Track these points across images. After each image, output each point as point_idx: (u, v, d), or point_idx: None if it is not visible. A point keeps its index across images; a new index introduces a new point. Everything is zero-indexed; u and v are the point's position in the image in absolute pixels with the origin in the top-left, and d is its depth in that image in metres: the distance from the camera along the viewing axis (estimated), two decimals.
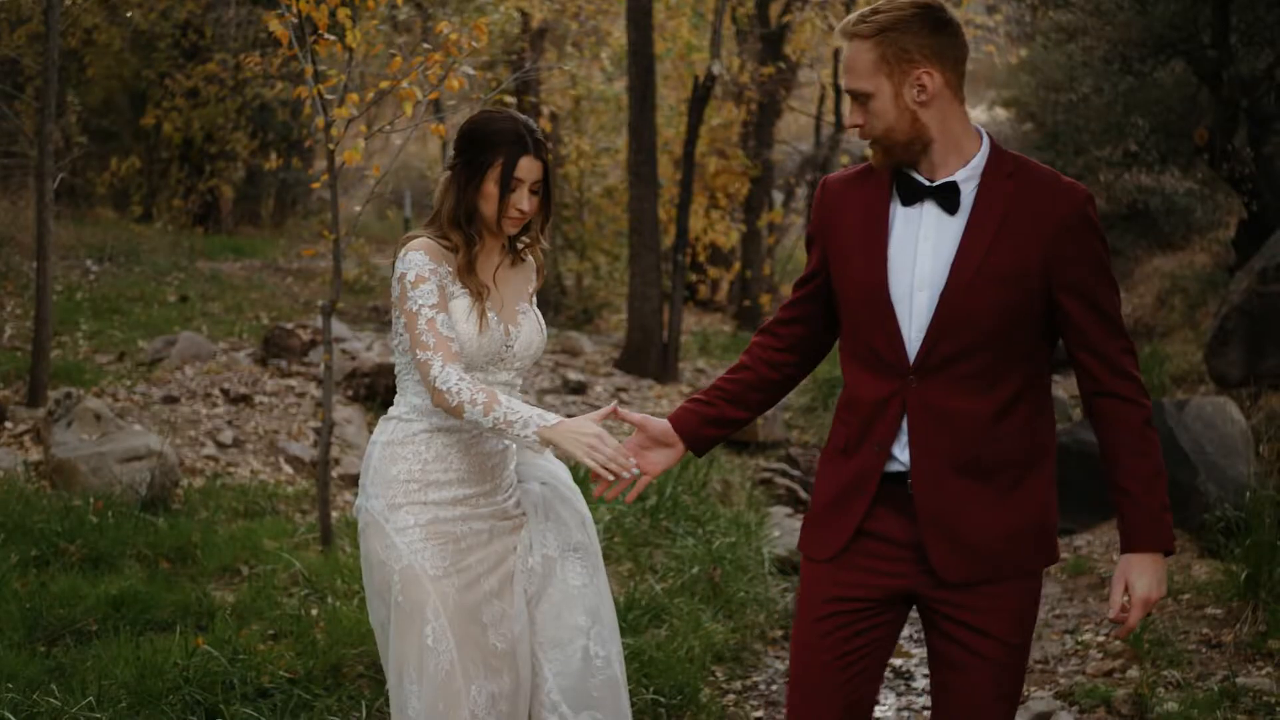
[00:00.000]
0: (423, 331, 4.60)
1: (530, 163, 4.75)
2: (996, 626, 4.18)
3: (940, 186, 4.13)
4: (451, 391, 4.53)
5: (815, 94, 22.70)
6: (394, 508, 4.67)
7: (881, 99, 4.10)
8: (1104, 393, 4.14)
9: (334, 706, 6.25)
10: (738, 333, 20.07)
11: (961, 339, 4.08)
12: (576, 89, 19.83)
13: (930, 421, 4.14)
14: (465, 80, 8.37)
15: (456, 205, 4.74)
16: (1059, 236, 4.06)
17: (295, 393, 11.59)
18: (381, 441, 4.75)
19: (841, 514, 4.26)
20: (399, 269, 4.67)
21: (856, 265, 4.20)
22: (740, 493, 11.48)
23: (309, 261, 20.95)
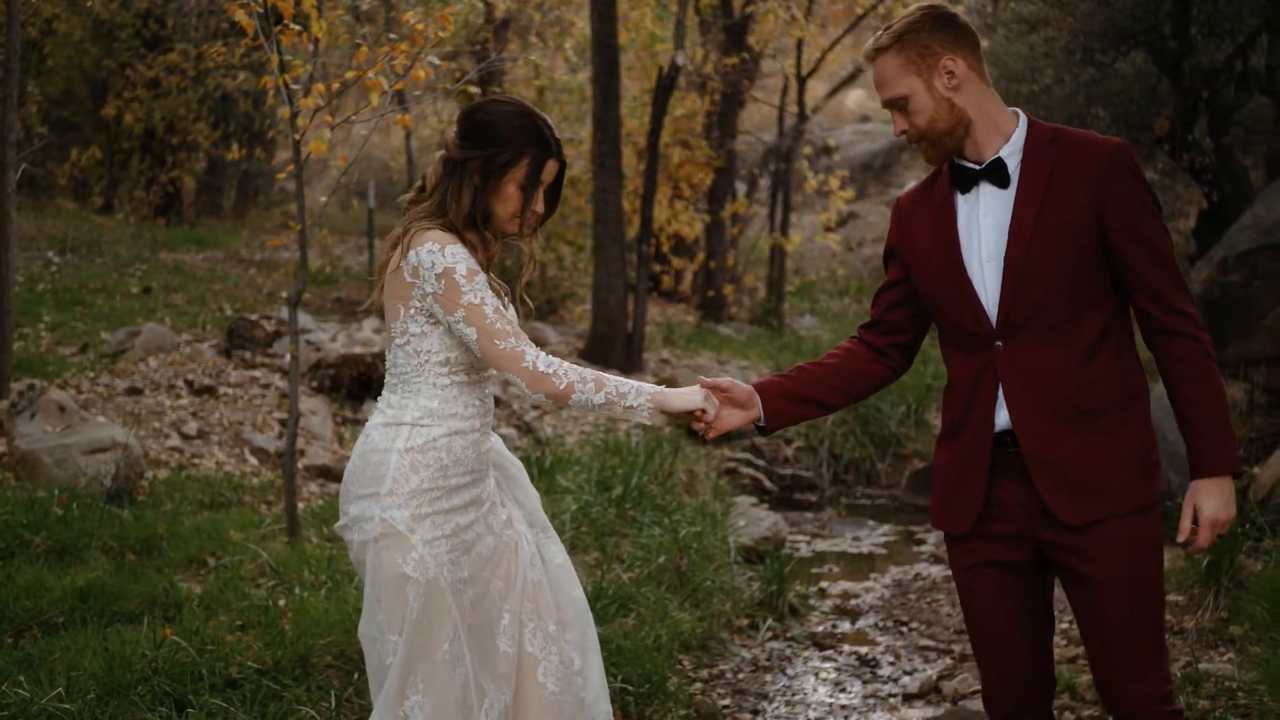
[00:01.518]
0: (494, 321, 4.46)
1: (554, 165, 4.67)
2: (1121, 563, 4.42)
3: (989, 165, 4.48)
4: (558, 374, 4.49)
5: (778, 84, 22.70)
6: (419, 519, 4.52)
7: (917, 97, 4.47)
8: (1163, 330, 4.42)
9: (303, 697, 6.24)
10: (701, 323, 20.10)
11: (1033, 295, 4.40)
12: (540, 80, 19.81)
13: (1022, 379, 4.44)
14: (431, 70, 8.36)
15: (474, 205, 4.58)
16: (1101, 184, 4.38)
17: (260, 384, 11.57)
18: (399, 449, 4.54)
19: (966, 488, 4.55)
20: (441, 263, 4.47)
21: (935, 259, 4.56)
22: (706, 482, 11.51)
23: (272, 253, 20.90)
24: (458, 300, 4.45)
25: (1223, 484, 4.38)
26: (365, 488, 4.59)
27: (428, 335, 4.55)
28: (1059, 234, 4.37)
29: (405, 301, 4.55)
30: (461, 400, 4.60)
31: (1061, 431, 4.40)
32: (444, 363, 4.57)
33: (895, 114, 4.52)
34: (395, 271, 4.57)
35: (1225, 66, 14.88)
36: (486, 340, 4.46)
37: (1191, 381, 4.39)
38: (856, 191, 28.68)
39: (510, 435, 12.11)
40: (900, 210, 4.74)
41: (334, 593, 7.33)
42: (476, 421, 4.63)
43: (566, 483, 9.92)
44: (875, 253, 27.86)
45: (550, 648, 4.75)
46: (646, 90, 19.27)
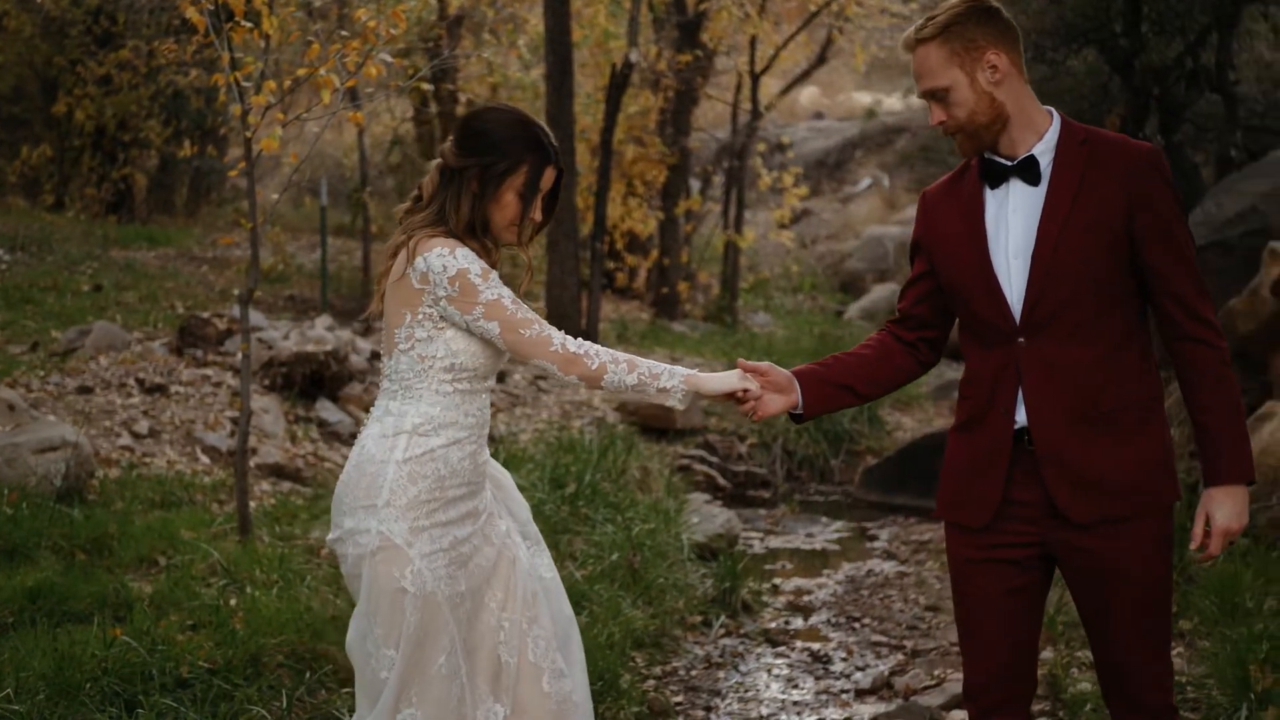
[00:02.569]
0: (515, 311, 4.47)
1: (552, 172, 4.64)
2: (1132, 565, 4.45)
3: (1021, 162, 4.50)
4: (589, 354, 4.51)
5: (732, 81, 22.71)
6: (417, 531, 4.48)
7: (959, 89, 4.47)
8: (1184, 337, 4.45)
9: (254, 696, 6.23)
10: (655, 320, 20.11)
11: (1059, 294, 4.42)
12: (494, 76, 19.78)
13: (1044, 376, 4.46)
14: (383, 68, 8.35)
15: (473, 213, 4.56)
16: (1132, 186, 4.40)
17: (211, 382, 11.52)
18: (397, 460, 4.50)
19: (984, 483, 4.56)
20: (453, 265, 4.45)
21: (961, 252, 4.59)
22: (659, 479, 11.52)
23: (224, 250, 20.81)
24: (475, 299, 4.44)
25: (1236, 492, 4.40)
26: (361, 499, 4.54)
27: (434, 340, 4.53)
28: (1087, 234, 4.40)
29: (413, 307, 4.52)
30: (462, 409, 4.57)
31: (1079, 430, 4.43)
32: (448, 368, 4.54)
33: (933, 105, 4.54)
34: (400, 279, 4.54)
35: (1176, 64, 14.97)
36: (511, 332, 4.47)
37: (1208, 389, 4.41)
38: (810, 188, 28.76)
39: None
40: (927, 203, 4.77)
41: (286, 592, 7.31)
42: (475, 432, 4.61)
43: (520, 480, 9.89)
44: (829, 250, 27.93)
45: (553, 656, 4.73)
46: (600, 87, 19.27)
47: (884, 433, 14.65)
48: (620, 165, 20.34)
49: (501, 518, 4.77)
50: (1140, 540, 4.43)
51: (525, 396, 13.87)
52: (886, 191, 30.05)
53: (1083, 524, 4.41)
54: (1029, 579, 4.57)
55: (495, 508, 4.77)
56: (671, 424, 13.49)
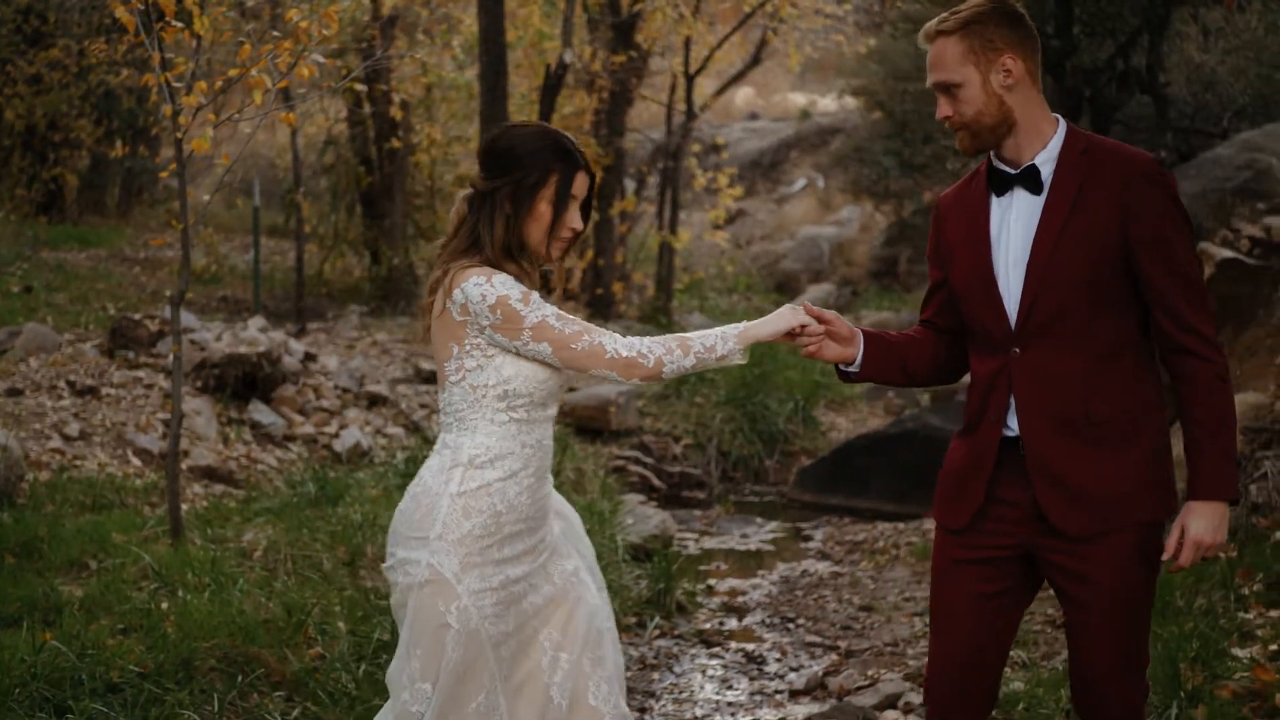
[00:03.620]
0: (562, 326, 4.37)
1: (584, 178, 4.56)
2: (1108, 577, 4.46)
3: (1024, 171, 4.52)
4: (644, 354, 4.41)
5: (667, 82, 22.72)
6: (468, 567, 4.39)
7: (970, 87, 4.49)
8: (1176, 347, 4.44)
9: (185, 700, 6.19)
10: (590, 320, 20.08)
11: (1054, 302, 4.44)
12: (428, 77, 19.73)
13: (1035, 385, 4.49)
14: (315, 68, 8.31)
15: (508, 233, 4.46)
16: (1127, 195, 4.41)
17: (143, 384, 11.44)
18: (452, 493, 4.41)
19: (970, 484, 4.60)
20: (491, 294, 4.35)
21: (965, 258, 4.61)
22: (594, 481, 11.52)
23: (156, 251, 20.68)
24: (520, 324, 4.35)
25: (1215, 508, 4.39)
26: (414, 531, 4.47)
27: (484, 368, 4.44)
28: (1082, 243, 4.40)
29: (458, 340, 4.44)
30: (519, 439, 4.48)
31: (1069, 440, 4.45)
32: (501, 396, 4.44)
33: (942, 98, 4.54)
34: (442, 314, 4.45)
35: (1107, 66, 15.08)
36: (562, 349, 4.38)
37: (1199, 404, 4.41)
38: (745, 189, 28.81)
39: (398, 434, 12.07)
40: (940, 209, 4.79)
41: (217, 595, 7.27)
42: (533, 465, 4.51)
43: None
44: (764, 250, 27.99)
45: (616, 701, 4.64)
46: (535, 88, 19.23)
47: (818, 433, 14.70)
48: None
49: (568, 556, 4.68)
50: (1116, 553, 4.44)
51: None
52: (821, 192, 30.12)
53: (1070, 536, 4.43)
54: (1007, 585, 4.59)
55: (562, 546, 4.68)
56: (607, 425, 13.49)
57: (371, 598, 7.53)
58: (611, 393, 13.68)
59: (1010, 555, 4.55)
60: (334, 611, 7.37)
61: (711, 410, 14.41)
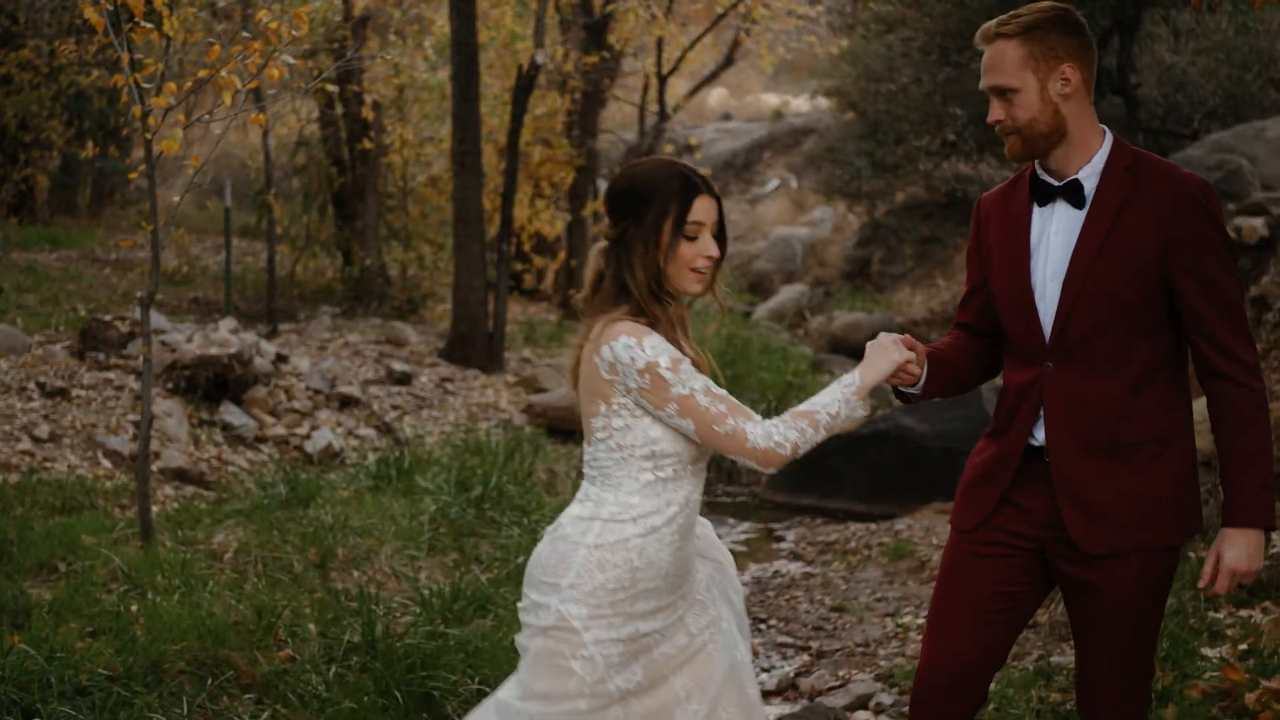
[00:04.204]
0: (709, 405, 4.23)
1: (707, 202, 4.39)
2: (1121, 594, 4.46)
3: (1067, 185, 4.46)
4: (780, 444, 4.26)
5: (639, 83, 22.75)
6: (596, 617, 4.28)
7: (1028, 93, 4.41)
8: (1216, 374, 4.40)
9: (154, 704, 6.16)
10: (563, 321, 20.08)
11: (1089, 319, 4.40)
12: (400, 78, 19.71)
13: (1066, 402, 4.45)
14: (285, 69, 8.29)
15: (647, 273, 4.32)
16: (1172, 219, 4.35)
17: (114, 386, 11.40)
18: (589, 544, 4.31)
19: (987, 487, 4.59)
20: (641, 358, 4.22)
21: (1004, 265, 4.57)
22: (566, 481, 11.51)
23: (127, 252, 20.61)
24: (668, 395, 4.23)
25: (1250, 535, 4.38)
26: (548, 576, 4.37)
27: (631, 429, 4.33)
28: (1121, 263, 4.35)
29: (606, 398, 4.32)
30: (664, 496, 4.36)
31: (1096, 459, 4.41)
32: (649, 456, 4.35)
33: (996, 100, 4.46)
34: (590, 369, 4.34)
35: None
36: (705, 430, 4.25)
37: (1236, 432, 4.38)
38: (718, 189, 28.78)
39: (370, 436, 12.04)
40: (981, 211, 4.74)
41: (188, 597, 7.24)
42: (679, 521, 4.39)
43: (425, 483, 9.88)
44: (737, 250, 28.00)
45: None
46: (508, 88, 19.23)
47: None
48: (528, 167, 20.33)
49: (711, 606, 4.56)
50: (1132, 572, 4.44)
51: (432, 399, 13.83)
52: (794, 192, 30.19)
53: (1090, 554, 4.41)
54: (1023, 586, 4.57)
55: (707, 595, 4.56)
56: (578, 425, 13.45)
57: (342, 599, 7.50)
58: None
59: (1027, 552, 4.53)
60: (304, 614, 7.35)
61: None
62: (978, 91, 14.80)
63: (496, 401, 14.19)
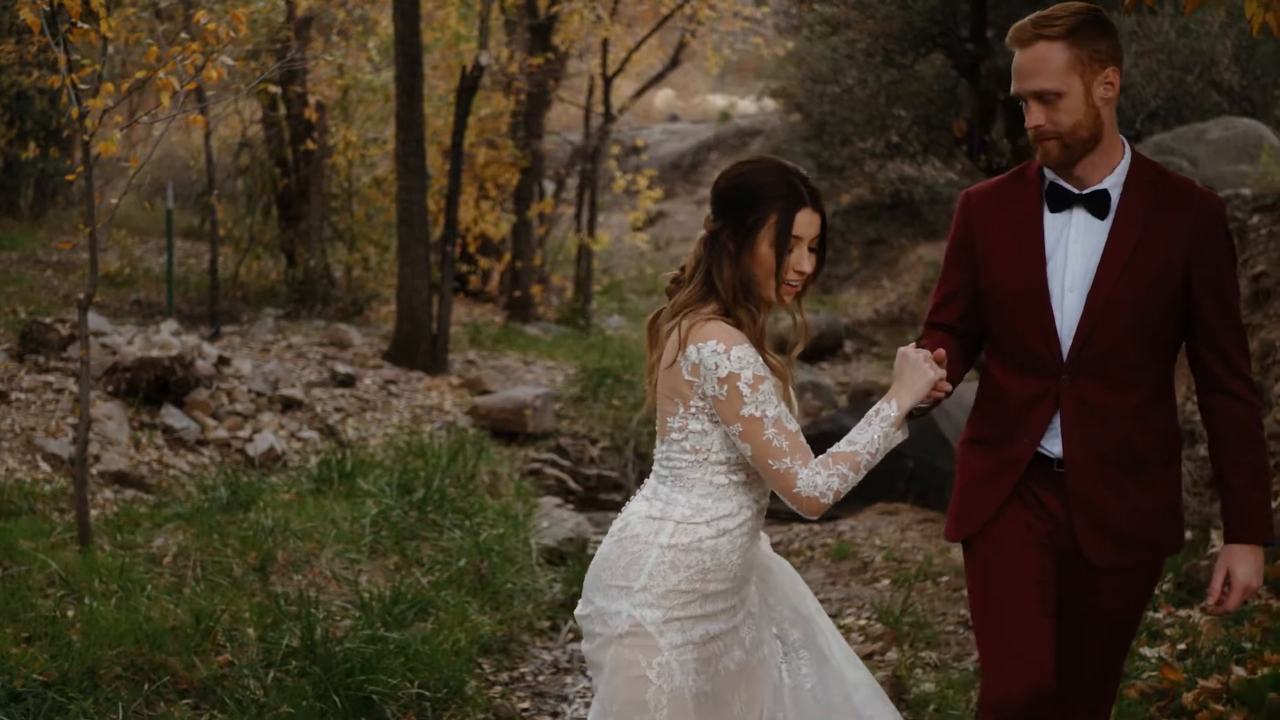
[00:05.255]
0: (772, 437, 4.13)
1: (809, 216, 4.25)
2: (1112, 604, 4.48)
3: (1092, 194, 4.36)
4: (824, 493, 4.15)
5: (585, 84, 22.73)
6: (670, 621, 4.19)
7: (1073, 97, 4.27)
8: (1221, 390, 4.39)
9: (90, 710, 6.12)
10: (509, 323, 20.07)
11: (1111, 335, 4.32)
12: (344, 79, 19.64)
13: (1084, 416, 4.37)
14: (225, 71, 8.25)
15: (735, 275, 4.23)
16: (1198, 238, 4.31)
17: (54, 389, 11.32)
18: (662, 544, 4.22)
19: (987, 496, 4.49)
20: (725, 367, 4.12)
21: (1011, 270, 4.43)
22: (509, 484, 11.49)
23: (69, 254, 20.45)
24: (738, 410, 4.13)
25: (1257, 551, 4.37)
26: (618, 579, 4.27)
27: (709, 433, 4.25)
28: (1148, 278, 4.29)
29: (685, 398, 4.24)
30: (736, 500, 4.29)
31: (1110, 473, 4.38)
32: (723, 461, 4.27)
33: (1035, 105, 4.31)
34: (671, 367, 4.24)
35: None
36: (760, 459, 4.15)
37: (1240, 447, 4.37)
38: (665, 191, 28.85)
39: (312, 438, 12.00)
40: (971, 207, 4.58)
41: (125, 602, 7.19)
42: (748, 525, 4.33)
43: (368, 486, 9.85)
44: (684, 252, 27.99)
45: None
46: (453, 89, 19.18)
47: None
48: (472, 168, 20.29)
49: (762, 626, 4.50)
50: (1127, 583, 4.47)
51: (375, 401, 13.78)
52: None
53: (1100, 569, 4.40)
54: (1051, 574, 4.42)
55: (756, 609, 4.49)
56: (523, 427, 13.46)
57: (281, 603, 7.46)
58: (527, 395, 13.67)
59: (1041, 541, 4.43)
60: (243, 618, 7.32)
61: (628, 413, 14.41)
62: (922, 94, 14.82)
63: (441, 403, 14.15)
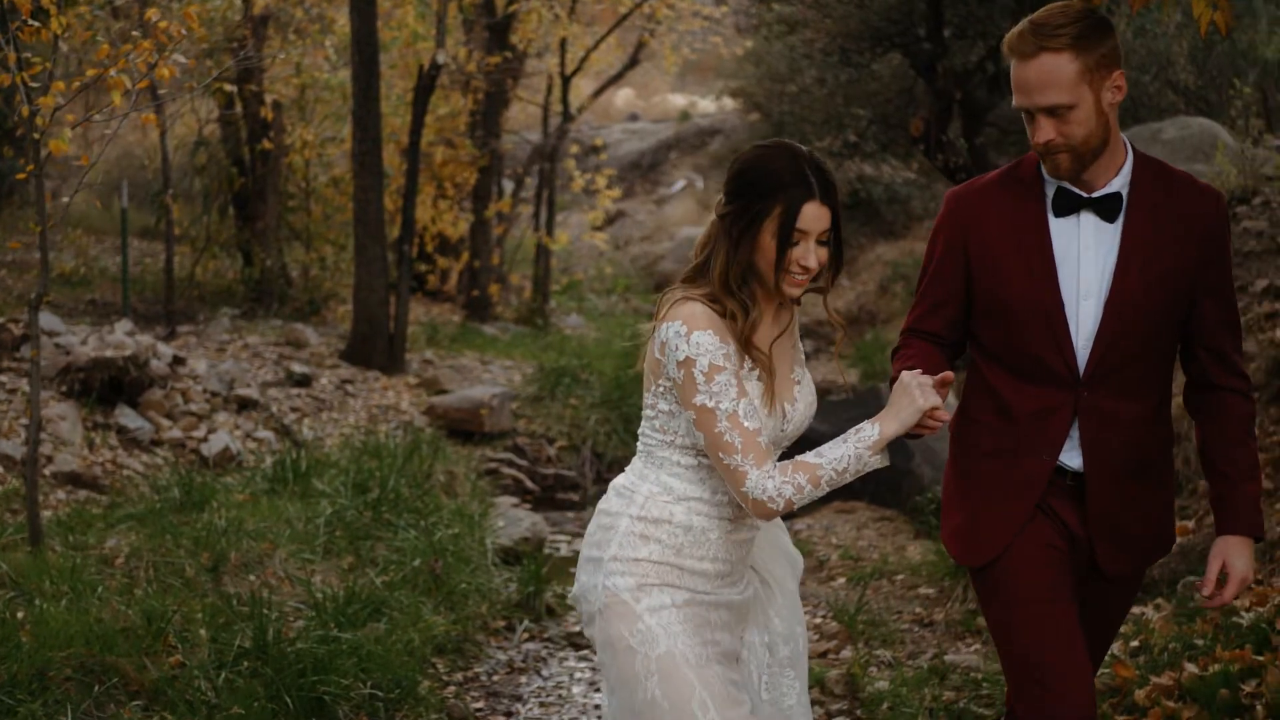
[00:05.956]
0: (725, 431, 3.96)
1: (817, 209, 4.03)
2: (1114, 606, 4.46)
3: (1104, 197, 4.19)
4: (773, 499, 3.94)
5: (543, 84, 22.71)
6: (645, 587, 4.05)
7: (1084, 108, 4.08)
8: (1219, 387, 4.32)
9: (39, 712, 6.08)
10: (466, 323, 20.02)
11: (1130, 344, 4.19)
12: (301, 78, 19.57)
13: (1103, 428, 4.23)
14: (176, 69, 8.21)
15: (728, 264, 4.04)
16: (1206, 238, 4.21)
17: (6, 389, 11.25)
18: (632, 515, 4.11)
19: (1007, 511, 4.30)
20: (682, 350, 3.97)
21: (1017, 280, 4.24)
22: (465, 483, 11.47)
23: (23, 253, 20.35)
24: (691, 398, 3.98)
25: (1249, 543, 4.30)
26: (593, 551, 4.19)
27: (676, 415, 4.11)
28: (1163, 280, 4.16)
29: (656, 375, 4.13)
30: (709, 485, 4.15)
31: (1126, 485, 4.29)
32: (690, 446, 4.12)
33: (1044, 120, 4.11)
34: (651, 340, 4.13)
35: (978, 68, 15.24)
36: (712, 450, 3.99)
37: (1239, 444, 4.30)
38: (625, 190, 28.87)
39: (268, 438, 11.94)
40: (962, 210, 4.38)
41: (76, 603, 7.15)
42: (728, 510, 4.16)
43: (323, 486, 9.82)
44: (643, 251, 28.03)
45: None
46: (411, 88, 19.14)
47: None
48: (430, 167, 20.25)
49: (751, 628, 4.34)
50: (1130, 587, 4.46)
51: (331, 401, 13.74)
52: (700, 193, 30.22)
53: (1114, 578, 4.35)
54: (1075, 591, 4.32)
55: (752, 618, 4.34)
56: (479, 427, 13.44)
57: (234, 604, 7.43)
58: (484, 395, 13.65)
59: (1062, 556, 4.31)
60: (195, 619, 7.27)
61: (586, 412, 14.40)
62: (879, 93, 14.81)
63: (397, 403, 14.12)
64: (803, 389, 4.25)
